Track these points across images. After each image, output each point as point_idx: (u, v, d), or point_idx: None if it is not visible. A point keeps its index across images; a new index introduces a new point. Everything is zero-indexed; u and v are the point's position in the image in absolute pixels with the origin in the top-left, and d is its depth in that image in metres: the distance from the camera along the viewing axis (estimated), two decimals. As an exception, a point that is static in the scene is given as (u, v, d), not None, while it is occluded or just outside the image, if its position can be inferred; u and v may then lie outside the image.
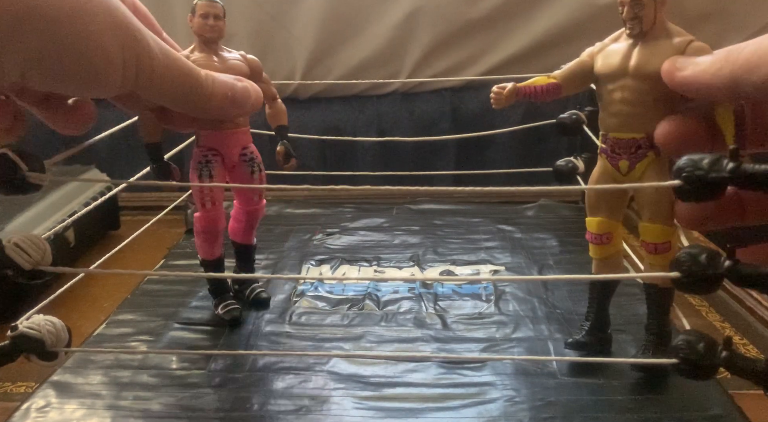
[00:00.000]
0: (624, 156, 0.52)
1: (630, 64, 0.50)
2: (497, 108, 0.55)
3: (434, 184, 0.97)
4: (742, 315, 0.71)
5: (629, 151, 0.51)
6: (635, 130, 0.51)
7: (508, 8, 1.06)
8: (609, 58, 0.51)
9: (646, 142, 0.51)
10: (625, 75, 0.50)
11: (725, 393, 0.52)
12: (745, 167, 0.40)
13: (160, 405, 0.53)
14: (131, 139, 0.62)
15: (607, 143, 0.53)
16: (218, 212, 0.64)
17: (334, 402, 0.53)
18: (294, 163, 0.68)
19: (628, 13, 0.49)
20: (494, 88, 0.54)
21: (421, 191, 0.45)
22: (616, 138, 0.52)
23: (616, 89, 0.51)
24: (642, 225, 0.53)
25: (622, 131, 0.51)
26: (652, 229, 0.52)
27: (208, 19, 0.60)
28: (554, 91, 0.54)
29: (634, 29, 0.49)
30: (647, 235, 0.52)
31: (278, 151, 0.68)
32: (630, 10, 0.49)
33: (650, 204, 0.51)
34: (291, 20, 1.08)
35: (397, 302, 0.70)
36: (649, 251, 0.52)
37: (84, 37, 0.27)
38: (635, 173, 0.51)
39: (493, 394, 0.53)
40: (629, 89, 0.50)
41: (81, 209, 0.67)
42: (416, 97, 1.12)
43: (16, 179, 0.46)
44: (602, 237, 0.55)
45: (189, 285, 0.73)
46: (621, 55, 0.50)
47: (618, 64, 0.50)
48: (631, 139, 0.51)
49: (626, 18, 0.49)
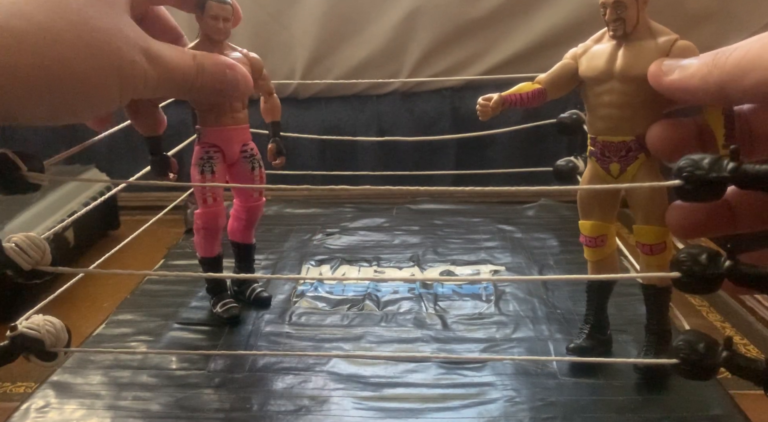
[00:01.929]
0: (614, 159, 0.51)
1: (616, 67, 0.49)
2: (484, 119, 0.54)
3: (434, 183, 0.97)
4: (742, 315, 0.71)
5: (619, 154, 0.51)
6: (624, 133, 0.50)
7: (508, 8, 1.05)
8: (593, 60, 0.50)
9: (636, 144, 0.50)
10: (611, 78, 0.49)
11: (726, 394, 0.52)
12: (746, 167, 0.40)
13: (159, 405, 0.53)
14: (131, 139, 0.62)
15: (597, 146, 0.52)
16: (219, 208, 0.64)
17: (334, 402, 0.53)
18: (283, 161, 0.69)
19: (611, 15, 0.48)
20: (480, 100, 0.53)
21: (421, 191, 0.45)
22: (605, 141, 0.51)
23: (602, 93, 0.50)
24: (637, 228, 0.52)
25: (611, 134, 0.51)
26: (647, 231, 0.51)
27: (218, 21, 0.60)
28: (540, 96, 0.53)
29: (617, 31, 0.49)
30: (642, 237, 0.52)
31: (270, 148, 0.68)
32: (612, 11, 0.48)
33: (644, 205, 0.51)
34: (291, 20, 1.08)
35: (397, 302, 0.70)
36: (645, 252, 0.52)
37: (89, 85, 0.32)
38: (626, 176, 0.51)
39: (493, 394, 0.53)
40: (616, 92, 0.49)
41: (80, 209, 0.67)
42: (416, 96, 1.12)
43: (15, 179, 0.46)
44: (596, 240, 0.54)
45: (189, 285, 0.73)
46: (606, 57, 0.50)
47: (603, 66, 0.50)
48: (620, 142, 0.50)
49: (609, 20, 0.49)
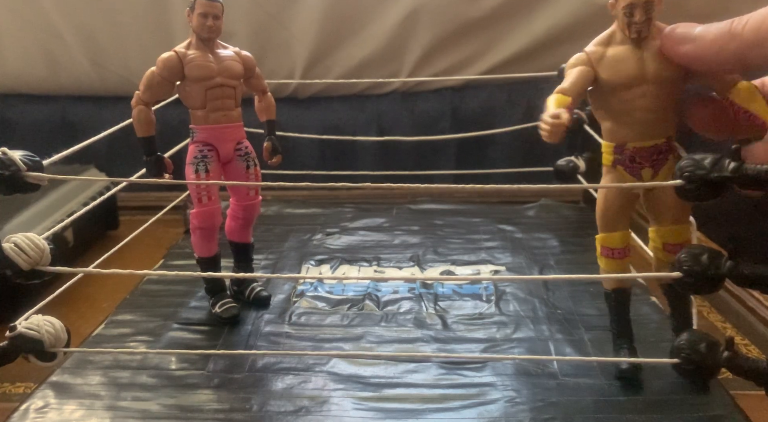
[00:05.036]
0: (647, 164, 0.50)
1: (648, 70, 0.48)
2: (555, 140, 0.45)
3: (434, 183, 0.97)
4: (743, 315, 0.71)
5: (652, 158, 0.50)
6: (657, 136, 0.49)
7: (508, 7, 1.05)
8: (619, 65, 0.48)
9: (666, 146, 0.49)
10: (644, 82, 0.48)
11: (726, 394, 0.52)
12: (747, 167, 0.40)
13: (159, 405, 0.52)
14: (130, 139, 0.62)
15: (625, 154, 0.50)
16: (215, 207, 0.64)
17: (334, 402, 0.52)
18: (280, 159, 0.69)
19: (641, 16, 0.47)
20: (549, 119, 0.45)
21: (421, 189, 0.45)
22: (637, 147, 0.50)
23: (634, 98, 0.48)
24: (668, 229, 0.51)
25: (643, 139, 0.49)
26: (680, 230, 0.51)
27: (207, 18, 0.60)
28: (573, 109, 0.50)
29: (642, 32, 0.47)
30: (673, 237, 0.51)
31: (265, 147, 0.68)
32: (643, 12, 0.47)
33: (674, 206, 0.50)
34: (291, 19, 1.07)
35: (397, 302, 0.69)
36: (674, 252, 0.51)
37: None
38: (659, 179, 0.50)
39: (493, 395, 0.53)
40: (650, 96, 0.48)
41: (80, 209, 0.66)
42: (416, 96, 1.12)
43: (15, 179, 0.46)
44: (625, 250, 0.53)
45: (188, 285, 0.73)
46: (633, 61, 0.48)
47: (634, 71, 0.48)
48: (653, 146, 0.49)
49: (639, 21, 0.47)
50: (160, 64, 0.61)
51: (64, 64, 1.11)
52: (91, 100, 1.13)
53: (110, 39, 1.09)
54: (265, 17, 1.07)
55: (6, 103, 1.13)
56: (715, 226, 0.76)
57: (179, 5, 1.03)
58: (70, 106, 1.13)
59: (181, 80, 0.62)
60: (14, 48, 1.10)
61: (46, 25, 1.09)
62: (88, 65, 1.11)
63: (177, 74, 0.61)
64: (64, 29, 1.09)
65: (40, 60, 1.11)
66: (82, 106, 1.13)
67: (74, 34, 1.09)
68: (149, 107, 0.61)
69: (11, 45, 1.10)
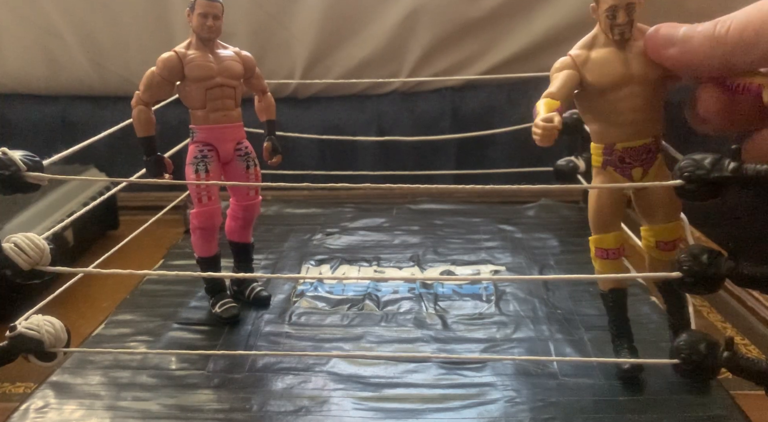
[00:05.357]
0: (636, 164, 0.50)
1: (633, 71, 0.48)
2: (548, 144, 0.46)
3: (434, 183, 0.97)
4: (743, 315, 0.71)
5: (641, 157, 0.50)
6: (645, 135, 0.50)
7: (508, 8, 1.05)
8: (605, 67, 0.49)
9: (654, 144, 0.50)
10: (631, 82, 0.48)
11: (726, 394, 0.52)
12: (747, 167, 0.40)
13: (159, 405, 0.52)
14: (130, 139, 0.62)
15: (614, 155, 0.51)
16: (215, 207, 0.64)
17: (334, 402, 0.52)
18: (280, 159, 0.69)
19: (623, 18, 0.47)
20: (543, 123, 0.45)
21: (421, 189, 0.45)
22: (626, 148, 0.50)
23: (621, 99, 0.49)
24: (659, 227, 0.52)
25: (632, 139, 0.50)
26: (671, 228, 0.51)
27: (207, 18, 0.60)
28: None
29: (625, 34, 0.48)
30: (665, 235, 0.52)
31: (265, 147, 0.68)
32: (625, 14, 0.47)
33: (666, 203, 0.51)
34: (291, 19, 1.07)
35: (397, 302, 0.69)
36: (666, 249, 0.52)
37: None
38: (649, 178, 0.51)
39: (493, 395, 0.53)
40: (637, 96, 0.48)
41: (80, 209, 0.66)
42: (416, 96, 1.12)
43: (15, 179, 0.46)
44: (619, 250, 0.53)
45: (188, 285, 0.73)
46: (618, 62, 0.49)
47: (620, 72, 0.48)
48: (642, 146, 0.50)
49: (621, 22, 0.48)
50: (160, 64, 0.61)
51: (64, 64, 1.11)
52: (91, 100, 1.13)
53: (110, 39, 1.09)
54: (265, 17, 1.07)
55: (6, 103, 1.13)
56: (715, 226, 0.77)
57: (179, 5, 1.03)
58: (70, 106, 1.13)
59: (181, 80, 0.62)
60: (14, 48, 1.10)
61: (46, 25, 1.09)
62: (88, 65, 1.11)
63: (177, 74, 0.61)
64: (64, 29, 1.09)
65: (40, 60, 1.11)
66: (82, 106, 1.13)
67: (74, 33, 1.09)
68: (149, 107, 0.61)
69: (11, 45, 1.10)
